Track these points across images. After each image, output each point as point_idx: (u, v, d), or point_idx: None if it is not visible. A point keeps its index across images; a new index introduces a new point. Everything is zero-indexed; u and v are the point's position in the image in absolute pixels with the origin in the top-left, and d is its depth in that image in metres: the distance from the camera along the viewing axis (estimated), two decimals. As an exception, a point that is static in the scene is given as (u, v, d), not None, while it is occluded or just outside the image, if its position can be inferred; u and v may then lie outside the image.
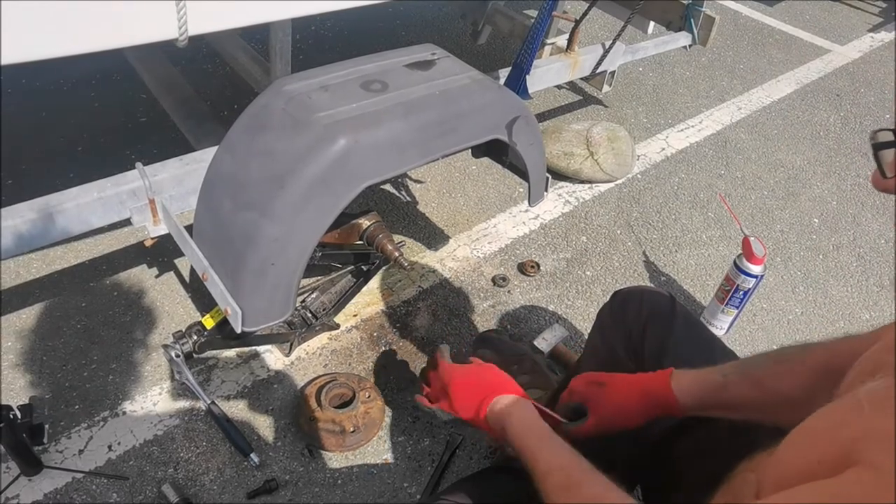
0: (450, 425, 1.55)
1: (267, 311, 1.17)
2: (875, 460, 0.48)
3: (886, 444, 0.47)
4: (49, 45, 1.04)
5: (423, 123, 1.20)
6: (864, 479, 0.48)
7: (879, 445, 0.48)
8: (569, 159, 2.41)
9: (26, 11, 0.98)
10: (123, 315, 1.75)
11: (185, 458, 1.46)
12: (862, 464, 0.48)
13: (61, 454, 1.44)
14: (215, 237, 1.18)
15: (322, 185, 1.08)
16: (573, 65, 2.31)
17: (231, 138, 1.18)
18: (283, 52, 1.62)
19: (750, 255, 1.77)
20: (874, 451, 0.48)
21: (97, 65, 2.63)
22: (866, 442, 0.50)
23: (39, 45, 1.03)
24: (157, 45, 1.13)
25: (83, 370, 1.61)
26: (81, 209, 1.35)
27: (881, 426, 0.49)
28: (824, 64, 3.66)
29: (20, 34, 1.00)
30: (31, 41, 1.02)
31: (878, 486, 0.46)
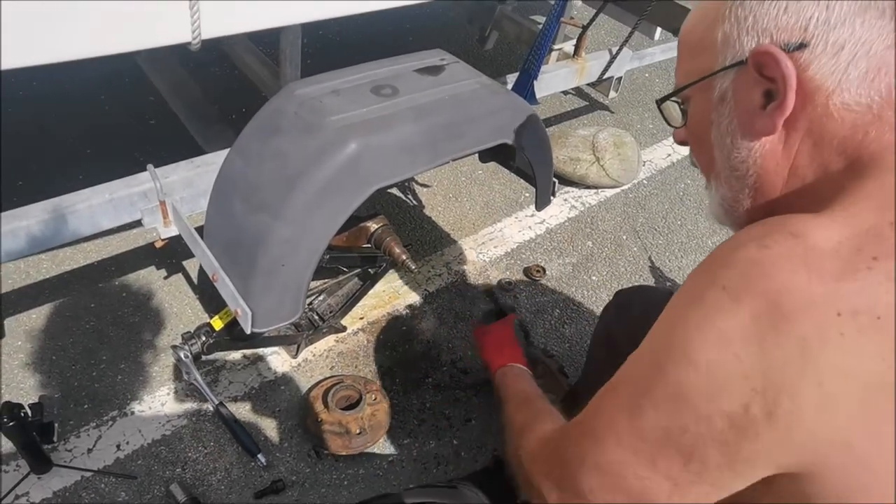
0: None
1: (277, 312, 1.18)
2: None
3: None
4: (65, 48, 1.06)
5: (433, 127, 1.21)
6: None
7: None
8: (575, 164, 2.42)
9: (43, 15, 1.00)
10: (132, 316, 1.77)
11: (192, 458, 1.47)
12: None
13: (70, 453, 1.45)
14: (226, 239, 1.20)
15: (333, 187, 1.09)
16: (580, 70, 2.32)
17: (243, 141, 1.19)
18: (293, 56, 1.64)
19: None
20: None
21: (107, 67, 2.65)
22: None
23: (55, 47, 1.05)
24: (170, 48, 1.15)
25: (92, 370, 1.62)
26: (93, 210, 1.37)
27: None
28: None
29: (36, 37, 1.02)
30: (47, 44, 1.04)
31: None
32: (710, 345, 0.57)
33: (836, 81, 0.63)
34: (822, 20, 0.62)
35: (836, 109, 0.63)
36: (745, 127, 0.69)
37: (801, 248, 0.55)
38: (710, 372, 0.57)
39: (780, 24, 0.64)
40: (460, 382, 1.70)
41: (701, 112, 0.75)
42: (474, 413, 1.64)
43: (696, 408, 0.58)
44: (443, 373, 1.72)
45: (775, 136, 0.68)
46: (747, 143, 0.70)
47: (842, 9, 0.61)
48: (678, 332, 0.61)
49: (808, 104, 0.64)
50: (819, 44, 0.62)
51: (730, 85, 0.70)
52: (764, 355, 0.54)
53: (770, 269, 0.55)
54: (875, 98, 0.62)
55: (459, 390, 1.68)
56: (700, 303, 0.59)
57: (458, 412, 1.63)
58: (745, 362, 0.55)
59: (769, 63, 0.64)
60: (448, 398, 1.66)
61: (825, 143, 0.65)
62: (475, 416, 1.63)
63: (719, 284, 0.57)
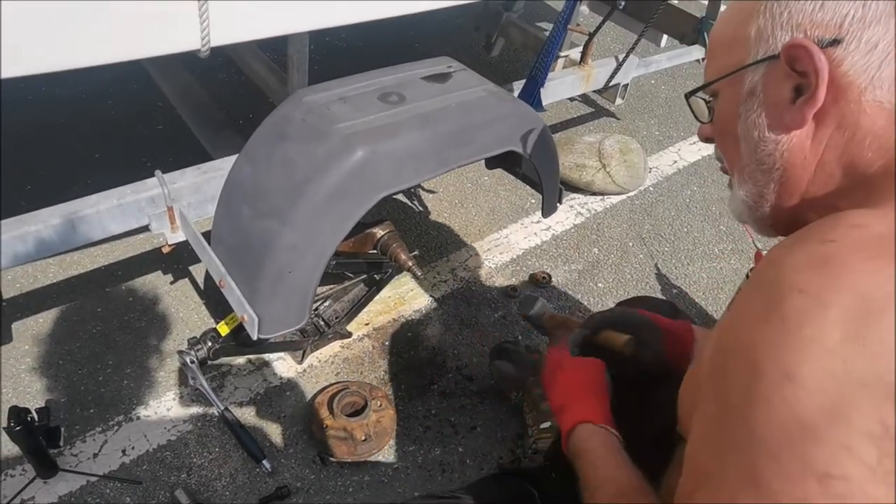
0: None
1: (283, 318, 1.19)
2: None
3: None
4: (75, 55, 1.06)
5: (440, 135, 1.21)
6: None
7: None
8: (581, 171, 2.42)
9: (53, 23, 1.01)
10: (138, 320, 1.77)
11: (198, 464, 1.47)
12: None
13: (76, 457, 1.45)
14: (233, 244, 1.20)
15: (340, 194, 1.09)
16: (587, 77, 2.32)
17: (251, 147, 1.20)
18: (301, 62, 1.64)
19: (762, 269, 1.77)
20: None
21: (114, 72, 2.67)
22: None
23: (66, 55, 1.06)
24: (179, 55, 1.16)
25: (98, 374, 1.63)
26: (101, 216, 1.37)
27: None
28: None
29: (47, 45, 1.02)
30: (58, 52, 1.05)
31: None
32: (812, 362, 0.51)
33: (869, 78, 0.63)
34: (857, 18, 0.63)
35: (869, 105, 0.63)
36: (774, 120, 0.70)
37: (869, 236, 0.54)
38: (823, 390, 0.50)
39: (815, 20, 0.65)
40: (466, 389, 1.70)
41: (729, 106, 0.76)
42: (480, 421, 1.63)
43: (830, 437, 0.50)
44: (448, 379, 1.72)
45: (803, 131, 0.68)
46: (774, 137, 0.70)
47: (878, 8, 0.62)
48: (770, 362, 0.53)
49: (841, 99, 0.65)
50: (853, 41, 0.63)
51: (760, 79, 0.70)
52: (872, 354, 0.49)
53: (847, 262, 0.52)
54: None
55: (465, 397, 1.68)
56: (776, 316, 0.53)
57: (464, 419, 1.63)
58: (856, 367, 0.50)
59: (802, 56, 0.64)
60: (453, 405, 1.66)
61: (857, 138, 0.65)
62: (480, 423, 1.63)
63: (795, 290, 0.53)
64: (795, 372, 0.51)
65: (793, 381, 0.51)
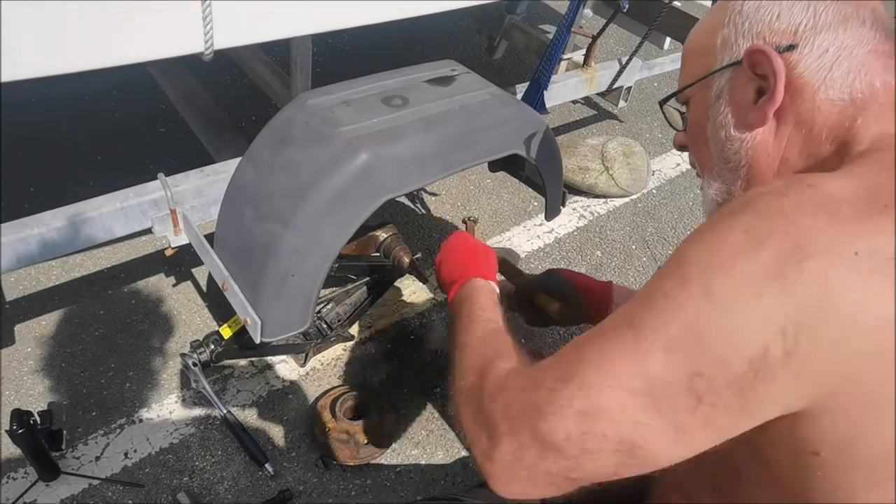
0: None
1: (286, 321, 1.18)
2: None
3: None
4: (79, 58, 1.06)
5: (443, 138, 1.21)
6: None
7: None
8: (584, 174, 2.42)
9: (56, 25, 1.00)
10: (141, 323, 1.77)
11: (200, 467, 1.46)
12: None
13: (78, 460, 1.45)
14: (236, 248, 1.20)
15: (343, 198, 1.09)
16: (590, 80, 2.32)
17: (254, 151, 1.19)
18: (304, 65, 1.64)
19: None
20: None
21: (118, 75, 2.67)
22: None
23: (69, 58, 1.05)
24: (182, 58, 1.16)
25: (101, 377, 1.62)
26: (104, 218, 1.37)
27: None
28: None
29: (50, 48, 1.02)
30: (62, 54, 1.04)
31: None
32: (734, 285, 0.57)
33: (822, 79, 0.70)
34: (809, 26, 0.71)
35: (823, 103, 0.71)
36: (739, 120, 0.77)
37: (820, 195, 0.58)
38: (734, 313, 0.57)
39: (773, 28, 0.73)
40: (468, 393, 1.69)
41: (700, 110, 0.83)
42: (482, 424, 1.63)
43: (715, 351, 0.57)
44: (451, 382, 1.72)
45: (766, 128, 0.75)
46: (740, 135, 0.77)
47: (827, 17, 0.71)
48: (696, 271, 0.60)
49: (797, 98, 0.72)
50: (806, 46, 0.71)
51: (726, 83, 0.78)
52: (786, 294, 0.55)
53: (791, 214, 0.57)
54: (857, 95, 0.70)
55: (467, 400, 1.68)
56: (720, 246, 0.60)
57: (466, 423, 1.63)
58: (768, 302, 0.55)
59: (762, 60, 0.72)
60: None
61: (814, 133, 0.71)
62: (483, 426, 1.62)
63: (740, 229, 0.59)
64: (716, 293, 0.58)
65: (711, 299, 0.58)
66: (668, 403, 0.60)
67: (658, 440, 0.62)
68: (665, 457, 0.63)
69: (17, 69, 1.01)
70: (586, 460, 0.65)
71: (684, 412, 0.59)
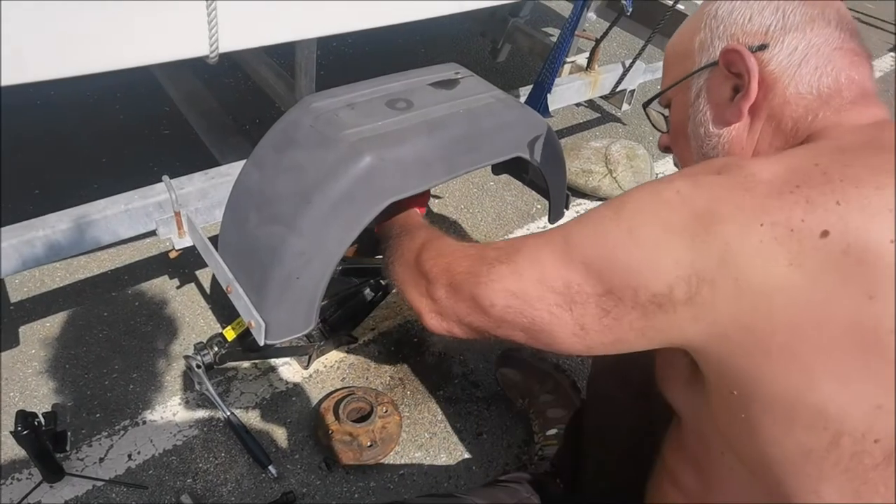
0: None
1: (290, 324, 1.18)
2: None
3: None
4: (83, 61, 1.07)
5: (447, 141, 1.21)
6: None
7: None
8: (587, 177, 2.42)
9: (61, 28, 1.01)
10: (145, 325, 1.77)
11: (203, 469, 1.47)
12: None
13: (82, 462, 1.45)
14: (241, 250, 1.20)
15: (348, 200, 1.09)
16: (593, 83, 2.32)
17: (259, 153, 1.20)
18: (308, 68, 1.65)
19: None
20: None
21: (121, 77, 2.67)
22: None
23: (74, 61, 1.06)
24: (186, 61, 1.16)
25: (104, 379, 1.63)
26: (109, 221, 1.37)
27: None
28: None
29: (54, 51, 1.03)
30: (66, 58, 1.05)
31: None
32: (654, 228, 0.67)
33: (791, 75, 0.77)
34: (779, 27, 0.78)
35: (792, 97, 0.77)
36: (717, 117, 0.83)
37: (744, 174, 0.66)
38: (647, 250, 0.67)
39: (745, 30, 0.80)
40: (472, 396, 1.70)
41: (681, 110, 0.90)
42: (486, 427, 1.63)
43: (627, 279, 0.68)
44: (454, 385, 1.72)
45: (741, 124, 0.81)
46: (718, 131, 0.83)
47: (795, 18, 0.78)
48: (629, 212, 0.70)
49: (769, 93, 0.78)
50: (777, 45, 0.78)
51: (704, 83, 0.85)
52: (693, 248, 0.64)
53: (716, 187, 0.66)
54: (823, 89, 0.76)
55: (471, 403, 1.68)
56: (655, 197, 0.69)
57: (470, 426, 1.63)
58: (677, 251, 0.65)
59: (736, 60, 0.78)
60: (459, 411, 1.66)
61: (783, 125, 0.78)
62: (486, 429, 1.62)
63: (674, 189, 0.68)
64: (636, 232, 0.68)
65: (631, 237, 0.68)
66: (579, 307, 0.72)
67: (562, 331, 0.75)
68: (565, 345, 0.76)
69: (21, 73, 1.02)
70: (503, 327, 0.81)
71: (591, 317, 0.71)
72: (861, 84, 0.77)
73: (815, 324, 0.60)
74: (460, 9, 1.50)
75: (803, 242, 0.60)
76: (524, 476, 1.34)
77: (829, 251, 0.59)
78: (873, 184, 0.61)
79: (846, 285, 0.59)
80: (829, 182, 0.62)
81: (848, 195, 0.60)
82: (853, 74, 0.77)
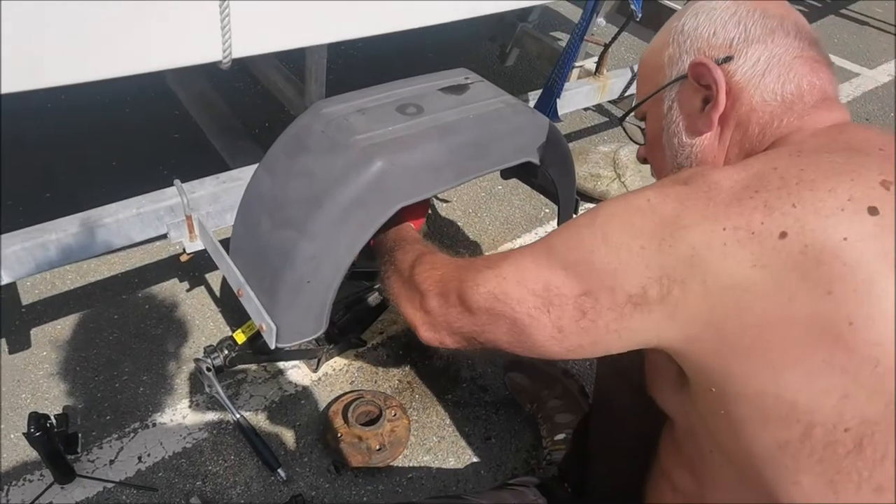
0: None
1: (301, 327, 1.19)
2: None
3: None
4: (99, 67, 1.08)
5: (457, 146, 1.21)
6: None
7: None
8: (596, 181, 2.42)
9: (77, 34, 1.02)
10: (155, 328, 1.78)
11: (213, 472, 1.47)
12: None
13: (93, 464, 1.46)
14: (252, 254, 1.21)
15: (358, 205, 1.09)
16: (602, 88, 2.33)
17: (271, 158, 1.20)
18: (318, 73, 1.66)
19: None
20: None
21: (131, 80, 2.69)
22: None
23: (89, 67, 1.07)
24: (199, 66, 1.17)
25: (115, 381, 1.64)
26: (120, 225, 1.38)
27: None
28: (853, 88, 3.64)
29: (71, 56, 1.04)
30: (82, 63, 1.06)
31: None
32: (625, 233, 0.71)
33: (756, 84, 0.82)
34: (742, 39, 0.83)
35: (758, 104, 0.82)
36: (689, 127, 0.88)
37: (708, 183, 0.70)
38: (620, 254, 0.71)
39: (711, 43, 0.85)
40: (480, 400, 1.70)
41: (656, 122, 0.94)
42: (494, 431, 1.63)
43: (603, 281, 0.72)
44: (462, 389, 1.72)
45: (712, 133, 0.85)
46: (690, 141, 0.88)
47: (756, 31, 0.83)
48: (602, 219, 0.75)
49: (737, 102, 0.83)
50: (741, 57, 0.82)
51: (676, 95, 0.89)
52: (662, 251, 0.68)
53: (682, 196, 0.70)
54: (787, 95, 0.81)
55: (479, 408, 1.68)
56: (627, 206, 0.74)
57: (478, 430, 1.63)
58: (647, 254, 0.69)
59: (704, 72, 0.83)
60: (468, 415, 1.66)
61: (750, 132, 0.82)
62: (495, 434, 1.63)
63: (645, 198, 0.72)
64: (611, 238, 0.72)
65: (605, 242, 0.72)
66: (556, 308, 0.75)
67: (541, 333, 0.78)
68: (545, 348, 0.79)
69: (37, 78, 1.03)
70: (487, 331, 0.85)
71: (568, 319, 0.75)
72: (822, 89, 0.82)
73: (781, 322, 0.63)
74: (470, 14, 1.50)
75: (764, 244, 0.64)
76: (532, 480, 1.34)
77: (789, 252, 0.63)
78: (826, 186, 0.65)
79: (806, 283, 0.62)
80: (785, 186, 0.66)
81: (803, 198, 0.64)
82: (814, 80, 0.81)
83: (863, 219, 0.62)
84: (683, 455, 0.88)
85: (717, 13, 0.86)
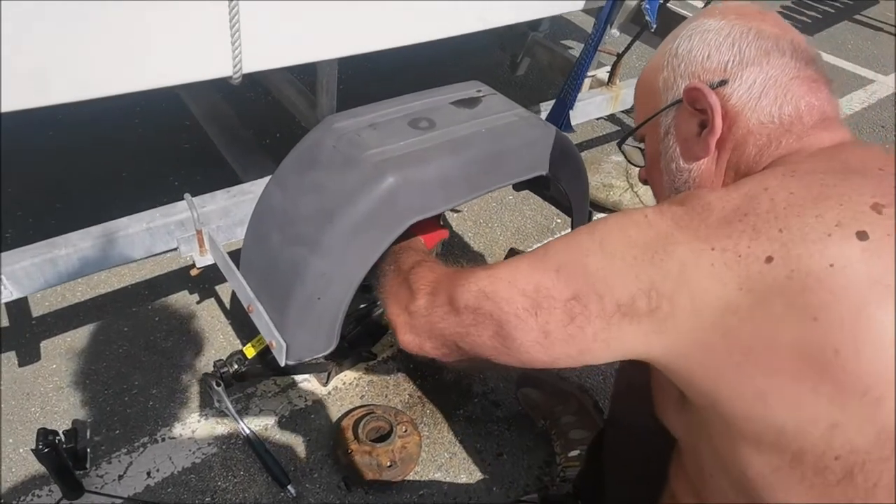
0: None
1: (311, 344, 1.17)
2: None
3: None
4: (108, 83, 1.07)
5: (470, 160, 1.20)
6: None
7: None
8: (608, 191, 2.40)
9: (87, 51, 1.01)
10: (164, 341, 1.77)
11: (222, 487, 1.46)
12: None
13: (101, 479, 1.45)
14: (263, 270, 1.19)
15: (370, 221, 1.08)
16: (615, 98, 2.31)
17: (282, 173, 1.19)
18: (330, 86, 1.65)
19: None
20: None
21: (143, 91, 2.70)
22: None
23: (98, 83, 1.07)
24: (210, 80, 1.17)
25: (124, 395, 1.63)
26: (131, 239, 1.38)
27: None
28: (868, 94, 3.60)
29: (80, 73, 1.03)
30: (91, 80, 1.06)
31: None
32: (620, 243, 0.72)
33: (753, 107, 0.81)
34: (736, 62, 0.82)
35: (755, 127, 0.81)
36: (686, 151, 0.87)
37: (701, 204, 0.71)
38: (613, 261, 0.72)
39: (705, 67, 0.84)
40: (492, 416, 1.68)
41: (654, 146, 0.93)
42: (506, 447, 1.61)
43: (593, 283, 0.72)
44: (474, 405, 1.70)
45: (710, 158, 0.85)
46: (687, 166, 0.87)
47: (751, 53, 0.82)
48: (601, 228, 0.76)
49: (734, 126, 0.82)
50: (736, 80, 0.81)
51: (672, 120, 0.88)
52: (653, 264, 0.69)
53: (677, 216, 0.71)
54: (784, 117, 0.80)
55: (491, 423, 1.66)
56: (626, 219, 0.75)
57: (490, 446, 1.61)
58: (640, 266, 0.69)
59: (699, 97, 0.82)
60: (480, 431, 1.64)
61: (747, 153, 0.82)
62: (507, 450, 1.60)
63: (643, 214, 0.74)
64: (606, 244, 0.73)
65: (601, 248, 0.73)
66: (545, 311, 0.75)
67: (526, 337, 0.77)
68: (528, 355, 0.78)
69: (46, 96, 1.03)
70: (472, 333, 0.83)
71: (555, 324, 0.74)
72: (821, 109, 0.81)
73: (767, 346, 0.63)
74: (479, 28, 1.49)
75: (750, 268, 0.64)
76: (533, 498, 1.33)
77: (775, 276, 0.63)
78: (814, 212, 0.64)
79: (792, 309, 0.62)
80: (773, 209, 0.66)
81: (790, 224, 0.64)
82: (812, 100, 0.80)
83: (851, 244, 0.62)
84: (687, 475, 0.88)
85: (710, 35, 0.85)
